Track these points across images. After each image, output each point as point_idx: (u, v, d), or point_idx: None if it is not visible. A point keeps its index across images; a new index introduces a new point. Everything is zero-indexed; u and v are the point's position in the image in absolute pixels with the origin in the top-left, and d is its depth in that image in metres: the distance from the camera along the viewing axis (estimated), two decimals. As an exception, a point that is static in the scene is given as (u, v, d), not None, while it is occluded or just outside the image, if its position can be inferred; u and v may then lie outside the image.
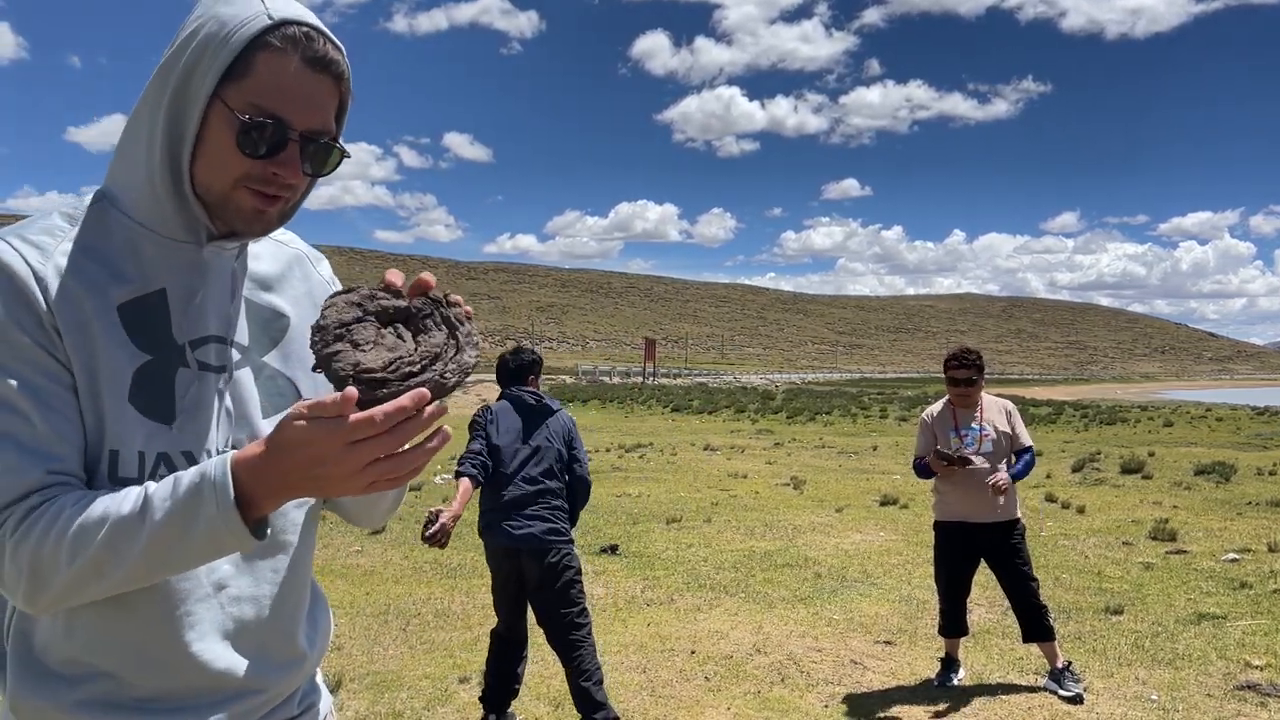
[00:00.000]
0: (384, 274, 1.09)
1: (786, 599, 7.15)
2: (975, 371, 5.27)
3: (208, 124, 1.14)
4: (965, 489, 5.18)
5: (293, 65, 1.14)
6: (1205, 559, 8.64)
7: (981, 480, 5.11)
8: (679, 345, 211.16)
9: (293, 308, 1.34)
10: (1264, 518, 11.27)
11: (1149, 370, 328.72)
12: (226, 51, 1.12)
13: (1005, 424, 5.26)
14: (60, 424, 1.11)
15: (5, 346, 1.09)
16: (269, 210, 1.19)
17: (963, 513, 5.22)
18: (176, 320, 1.20)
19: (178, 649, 1.19)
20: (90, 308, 1.14)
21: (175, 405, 1.18)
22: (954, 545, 5.31)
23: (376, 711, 4.69)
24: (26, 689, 1.17)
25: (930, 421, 5.37)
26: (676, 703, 4.90)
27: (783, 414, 36.29)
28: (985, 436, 5.18)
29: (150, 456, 1.16)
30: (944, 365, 5.40)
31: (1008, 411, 5.34)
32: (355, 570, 7.99)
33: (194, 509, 1.03)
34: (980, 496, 5.15)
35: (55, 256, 1.14)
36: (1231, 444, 26.42)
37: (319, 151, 1.19)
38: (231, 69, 1.13)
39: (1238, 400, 63.98)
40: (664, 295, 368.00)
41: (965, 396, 5.25)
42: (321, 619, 1.43)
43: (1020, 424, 5.33)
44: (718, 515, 11.27)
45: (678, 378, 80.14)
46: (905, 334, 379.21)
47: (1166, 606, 6.94)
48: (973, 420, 5.24)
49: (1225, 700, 4.97)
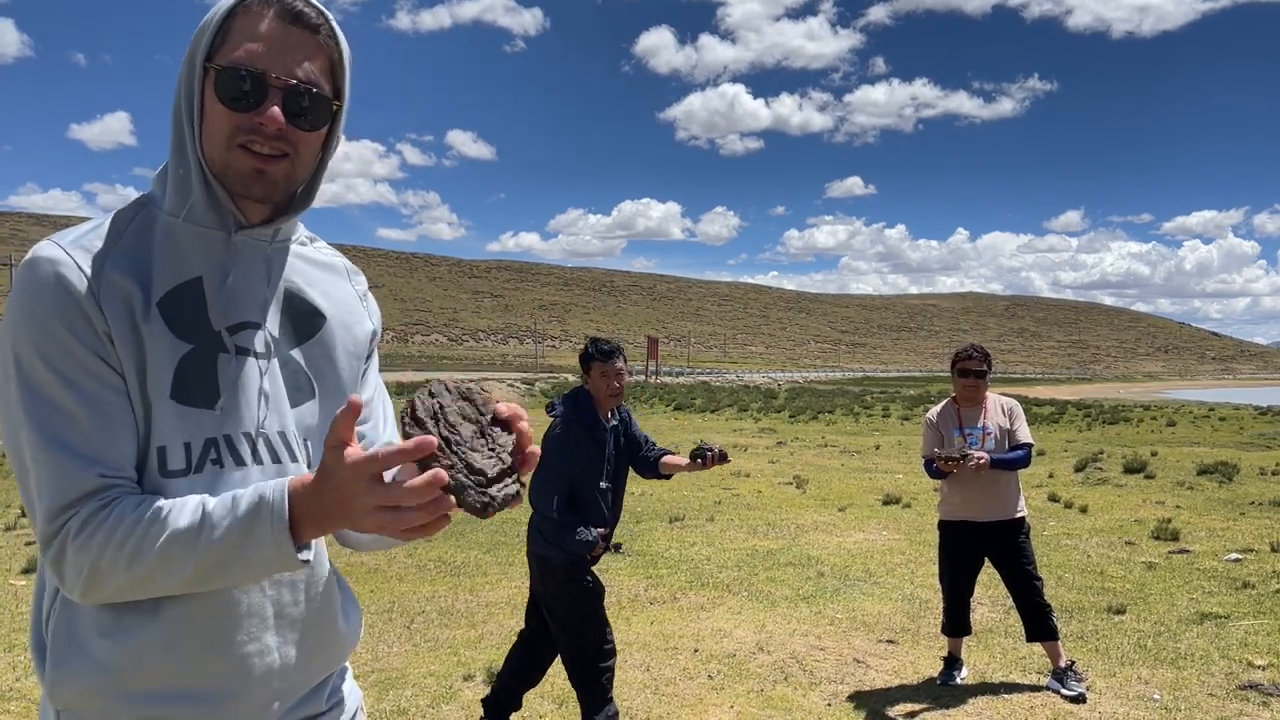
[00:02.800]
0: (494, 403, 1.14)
1: (789, 598, 7.16)
2: (986, 365, 5.29)
3: (205, 97, 1.21)
4: (970, 489, 5.20)
5: (266, 22, 1.20)
6: (1208, 559, 8.64)
7: (984, 481, 5.14)
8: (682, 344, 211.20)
9: (331, 308, 1.39)
10: (1267, 518, 11.27)
11: (1152, 370, 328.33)
12: (211, 26, 1.21)
13: (1007, 422, 5.27)
14: (114, 429, 1.16)
15: (65, 356, 1.14)
16: (268, 170, 1.23)
17: (967, 513, 5.24)
18: (213, 306, 1.25)
19: (223, 643, 1.24)
20: (138, 309, 1.19)
21: (219, 390, 1.23)
22: (959, 544, 5.33)
23: (381, 709, 4.71)
24: (69, 676, 1.21)
25: (935, 421, 5.39)
26: (680, 701, 4.92)
27: (785, 413, 36.29)
28: (988, 435, 5.20)
29: (196, 446, 1.21)
30: (953, 360, 5.41)
31: (1010, 410, 5.35)
32: (359, 568, 8.01)
33: (250, 530, 1.09)
34: (984, 497, 5.17)
35: (107, 263, 1.18)
36: (1234, 444, 26.39)
37: (309, 102, 1.23)
38: (215, 40, 1.20)
39: (1241, 400, 63.92)
40: (667, 294, 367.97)
41: (974, 390, 5.25)
42: (353, 613, 1.48)
43: (1022, 421, 5.33)
44: (720, 514, 11.29)
45: (680, 376, 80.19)
46: (908, 333, 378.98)
47: (1169, 606, 6.95)
48: (976, 419, 5.25)
49: (1228, 700, 4.98)
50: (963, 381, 5.27)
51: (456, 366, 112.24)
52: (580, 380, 4.30)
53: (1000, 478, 5.19)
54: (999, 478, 5.18)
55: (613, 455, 4.21)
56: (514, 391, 44.33)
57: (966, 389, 5.28)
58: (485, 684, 4.91)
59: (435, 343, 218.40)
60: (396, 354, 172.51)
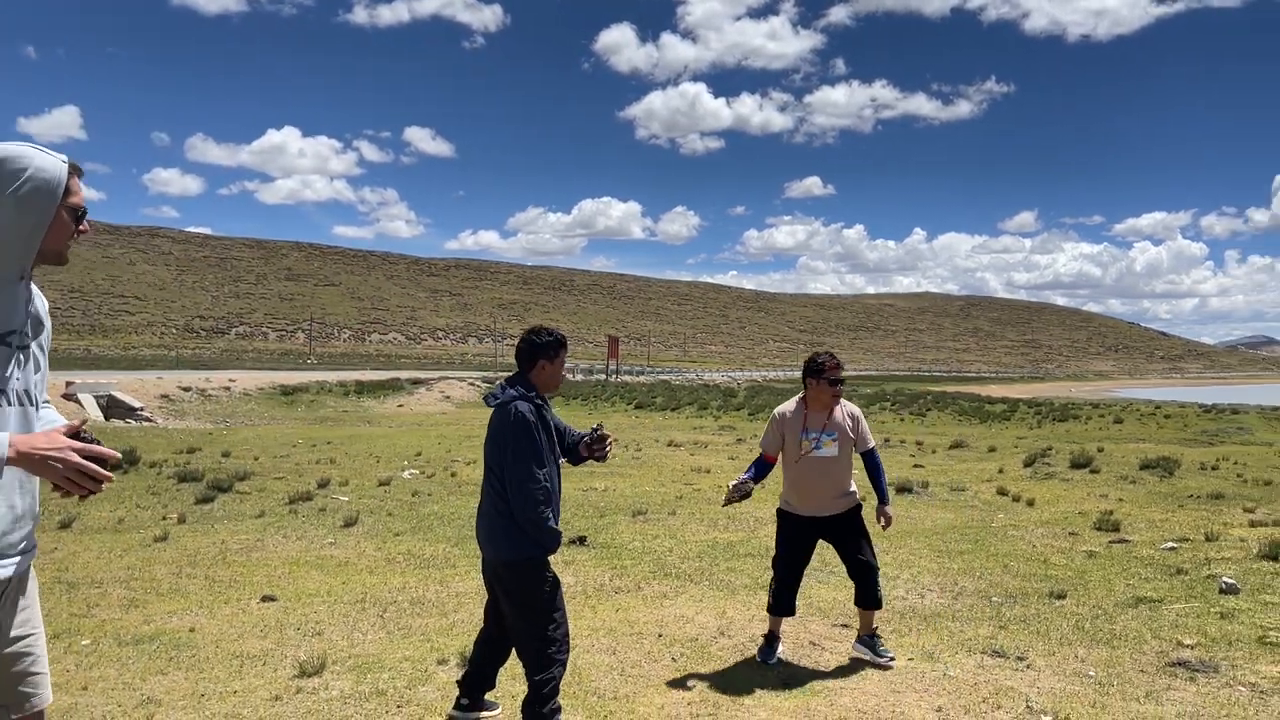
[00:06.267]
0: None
1: (749, 586, 7.44)
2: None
3: (56, 219, 2.25)
4: (808, 491, 5.54)
5: (79, 180, 2.32)
6: (1145, 548, 9.07)
7: (823, 484, 5.48)
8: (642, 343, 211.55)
9: (47, 319, 2.38)
10: (1203, 510, 11.78)
11: (1102, 368, 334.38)
12: (61, 184, 2.25)
13: (851, 428, 5.57)
14: None
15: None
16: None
17: (807, 510, 5.58)
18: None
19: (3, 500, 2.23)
20: None
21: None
22: (798, 534, 5.64)
23: (361, 691, 4.91)
24: None
25: (781, 419, 5.61)
26: (645, 682, 5.17)
27: (745, 411, 36.71)
28: (832, 441, 5.50)
29: None
30: (818, 369, 5.50)
31: (855, 417, 5.66)
32: (330, 562, 8.18)
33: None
34: (823, 498, 5.53)
35: None
36: (1178, 440, 27.19)
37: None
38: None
39: (1187, 398, 65.60)
40: (627, 293, 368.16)
41: (837, 399, 5.55)
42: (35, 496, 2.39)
43: (865, 427, 5.67)
44: (682, 508, 11.57)
45: (641, 375, 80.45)
46: (865, 332, 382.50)
47: (1107, 591, 7.33)
48: (821, 424, 5.52)
49: (1158, 676, 5.33)
50: (832, 390, 5.50)
51: (415, 365, 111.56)
52: (526, 370, 4.27)
53: (838, 479, 5.53)
54: (838, 480, 5.53)
55: (556, 441, 4.28)
56: (475, 390, 44.31)
57: (834, 398, 5.52)
58: (459, 667, 5.13)
59: (393, 341, 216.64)
60: (354, 353, 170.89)
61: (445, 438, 22.59)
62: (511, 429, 4.08)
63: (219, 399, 35.25)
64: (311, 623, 6.22)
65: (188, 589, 7.14)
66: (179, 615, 6.38)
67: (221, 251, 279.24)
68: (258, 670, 5.25)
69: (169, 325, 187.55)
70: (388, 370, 63.89)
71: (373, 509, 11.15)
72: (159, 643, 5.72)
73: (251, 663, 5.37)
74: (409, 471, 15.11)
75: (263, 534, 9.45)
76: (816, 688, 5.13)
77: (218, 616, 6.36)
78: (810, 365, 5.58)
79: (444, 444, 20.61)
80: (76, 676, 5.07)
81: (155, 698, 4.80)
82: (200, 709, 4.66)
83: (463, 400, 41.89)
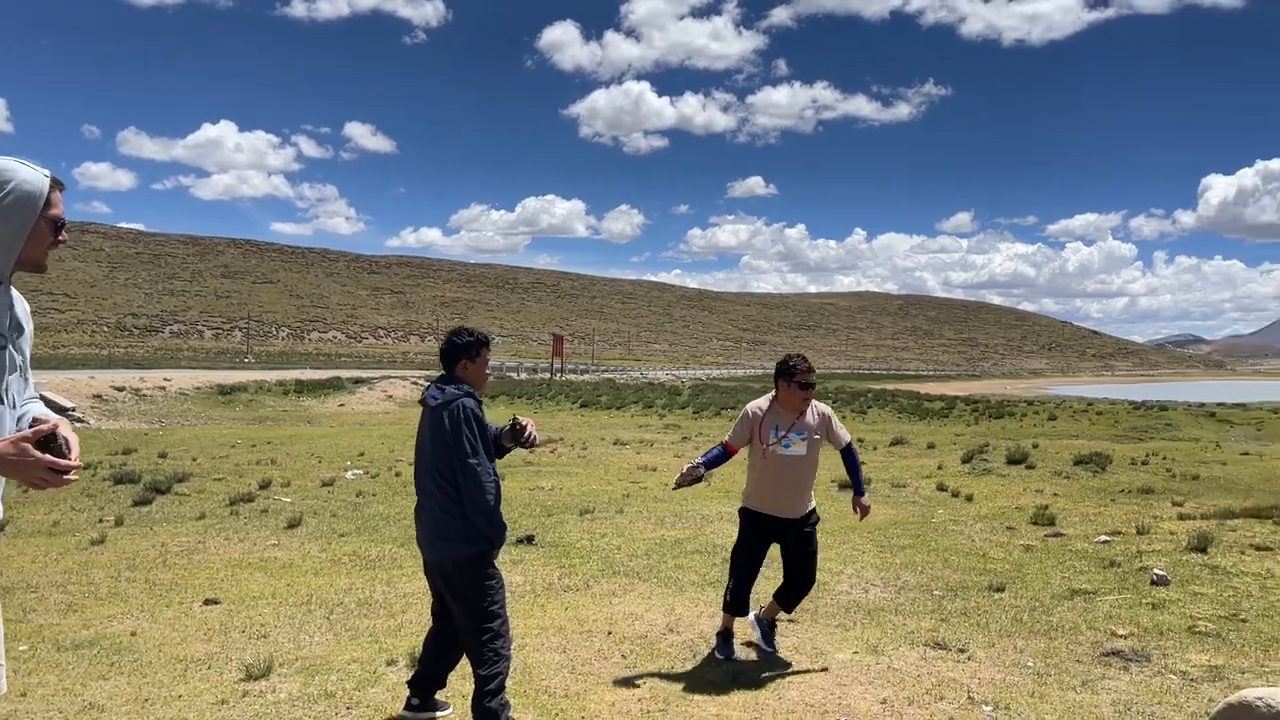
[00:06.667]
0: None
1: (696, 583, 7.51)
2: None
3: (36, 229, 2.39)
4: (771, 490, 5.63)
5: (60, 194, 2.46)
6: (1080, 541, 9.33)
7: (787, 483, 5.57)
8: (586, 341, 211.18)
9: (26, 322, 2.51)
10: (1134, 504, 12.14)
11: (1037, 366, 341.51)
12: (42, 196, 2.39)
13: (820, 427, 5.66)
14: None
15: None
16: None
17: (772, 509, 5.65)
18: None
19: None
20: None
21: None
22: (759, 534, 5.71)
23: (309, 693, 4.87)
24: None
25: (754, 416, 5.67)
26: (596, 679, 5.20)
27: (689, 409, 36.86)
28: (801, 440, 5.59)
29: None
30: (790, 371, 5.59)
31: (826, 416, 5.75)
32: (273, 563, 8.07)
33: None
34: (788, 497, 5.61)
35: None
36: (1109, 436, 27.94)
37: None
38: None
39: (1118, 395, 67.28)
40: (571, 291, 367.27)
41: (807, 401, 5.63)
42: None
43: (837, 424, 5.77)
44: (629, 506, 11.61)
45: (585, 374, 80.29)
46: (807, 330, 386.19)
47: (1044, 584, 7.53)
48: (792, 423, 5.61)
49: (1093, 665, 5.51)
50: (802, 394, 5.57)
51: (356, 364, 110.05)
52: (450, 370, 4.34)
53: (802, 479, 5.62)
54: (802, 480, 5.61)
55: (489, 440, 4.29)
56: (418, 389, 43.88)
57: (804, 400, 5.60)
58: (409, 668, 5.10)
59: (333, 340, 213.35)
60: (293, 351, 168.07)
61: (389, 437, 22.36)
62: (462, 424, 4.15)
63: (154, 399, 34.46)
64: (256, 625, 6.14)
65: (128, 593, 7.00)
66: (119, 619, 6.26)
67: (155, 248, 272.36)
68: (203, 674, 5.17)
69: (100, 323, 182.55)
70: (328, 369, 62.92)
71: (316, 510, 11.02)
72: (99, 647, 5.61)
73: (196, 666, 5.30)
74: (352, 472, 14.94)
75: (204, 536, 9.29)
76: (764, 682, 5.21)
77: (159, 620, 6.25)
78: (782, 367, 5.67)
79: (387, 444, 20.40)
80: (15, 683, 4.95)
81: (97, 703, 4.71)
82: (144, 714, 4.58)
83: (405, 399, 41.45)
